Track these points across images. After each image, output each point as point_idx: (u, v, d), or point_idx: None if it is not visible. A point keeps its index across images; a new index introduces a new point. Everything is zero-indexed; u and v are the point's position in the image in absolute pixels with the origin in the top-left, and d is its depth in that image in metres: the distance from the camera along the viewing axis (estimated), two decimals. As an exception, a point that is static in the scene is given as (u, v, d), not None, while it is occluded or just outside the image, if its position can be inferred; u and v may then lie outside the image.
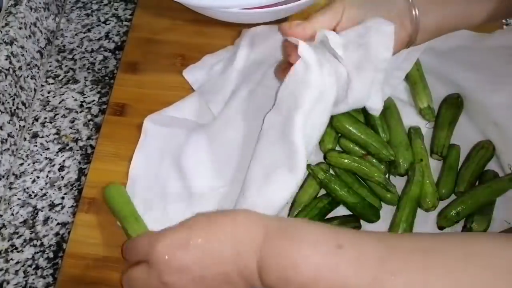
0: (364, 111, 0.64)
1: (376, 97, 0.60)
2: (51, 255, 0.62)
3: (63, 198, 0.65)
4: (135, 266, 0.49)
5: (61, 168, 0.67)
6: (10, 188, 0.66)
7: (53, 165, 0.68)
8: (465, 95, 0.67)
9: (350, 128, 0.62)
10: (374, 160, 0.62)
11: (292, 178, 0.56)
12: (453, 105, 0.66)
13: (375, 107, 0.61)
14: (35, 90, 0.73)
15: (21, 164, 0.68)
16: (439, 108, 0.67)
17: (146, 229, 0.59)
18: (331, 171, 0.63)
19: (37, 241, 0.62)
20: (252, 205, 0.56)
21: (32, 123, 0.71)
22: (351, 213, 0.61)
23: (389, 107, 0.65)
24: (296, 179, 0.56)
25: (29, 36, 0.71)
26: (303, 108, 0.55)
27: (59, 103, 0.73)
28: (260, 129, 0.60)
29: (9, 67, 0.66)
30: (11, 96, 0.67)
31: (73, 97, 0.73)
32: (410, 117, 0.67)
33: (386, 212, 0.61)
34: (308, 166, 0.61)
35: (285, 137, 0.56)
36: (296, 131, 0.55)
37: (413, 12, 0.58)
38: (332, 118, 0.62)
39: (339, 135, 0.64)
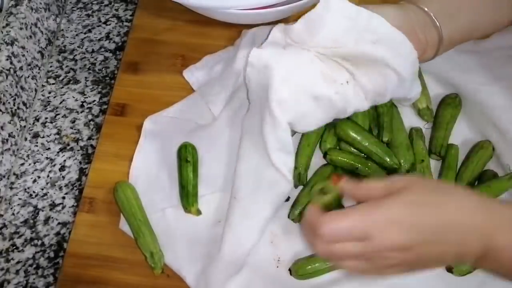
0: (376, 112, 0.64)
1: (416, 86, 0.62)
2: (51, 254, 0.62)
3: (63, 198, 0.65)
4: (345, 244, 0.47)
5: (62, 168, 0.68)
6: (11, 188, 0.66)
7: (54, 165, 0.68)
8: (463, 96, 0.67)
9: (354, 135, 0.62)
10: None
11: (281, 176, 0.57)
12: (451, 105, 0.66)
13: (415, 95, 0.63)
14: (36, 90, 0.73)
15: (22, 164, 0.68)
16: (437, 108, 0.67)
17: (152, 231, 0.59)
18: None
19: (37, 240, 0.63)
20: (244, 208, 0.57)
21: (33, 123, 0.71)
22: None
23: (390, 108, 0.65)
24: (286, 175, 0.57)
25: (30, 36, 0.71)
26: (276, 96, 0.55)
27: (60, 103, 0.73)
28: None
29: (10, 68, 0.66)
30: (12, 96, 0.67)
31: (73, 97, 0.73)
32: (408, 118, 0.67)
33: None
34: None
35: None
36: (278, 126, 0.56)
37: (437, 25, 0.57)
38: (335, 125, 0.62)
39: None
